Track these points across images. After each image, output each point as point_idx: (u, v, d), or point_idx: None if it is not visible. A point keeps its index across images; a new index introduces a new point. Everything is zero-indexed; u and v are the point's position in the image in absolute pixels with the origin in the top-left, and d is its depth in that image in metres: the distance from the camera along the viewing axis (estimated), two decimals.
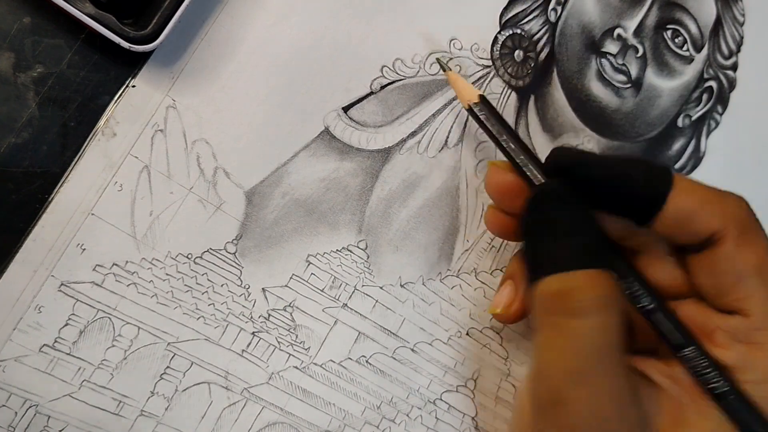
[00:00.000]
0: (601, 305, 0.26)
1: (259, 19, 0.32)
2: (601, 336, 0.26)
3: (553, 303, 0.27)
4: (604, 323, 0.26)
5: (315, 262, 0.33)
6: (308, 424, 0.33)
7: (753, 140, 0.44)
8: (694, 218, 0.27)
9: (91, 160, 0.29)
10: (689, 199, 0.28)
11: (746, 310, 0.27)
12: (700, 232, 0.28)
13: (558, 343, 0.27)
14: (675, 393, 0.28)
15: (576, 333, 0.26)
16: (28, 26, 0.28)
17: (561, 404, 0.26)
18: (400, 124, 0.34)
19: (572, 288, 0.26)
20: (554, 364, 0.27)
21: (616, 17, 0.40)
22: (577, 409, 0.26)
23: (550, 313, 0.27)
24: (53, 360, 0.29)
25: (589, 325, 0.26)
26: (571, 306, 0.26)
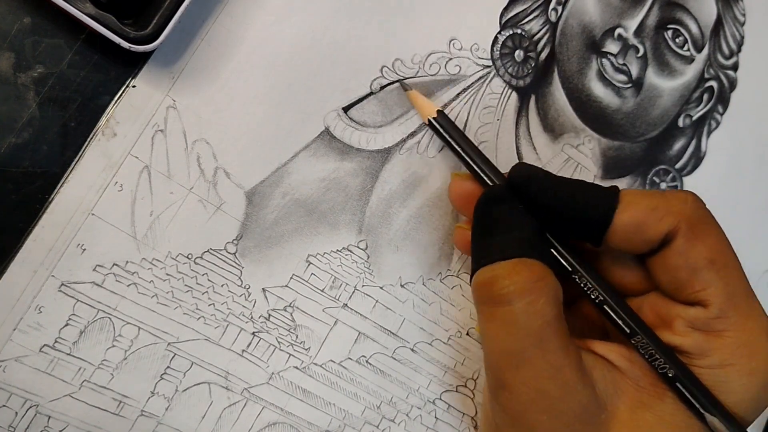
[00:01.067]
0: (524, 290, 0.27)
1: (259, 19, 0.32)
2: (529, 320, 0.27)
3: (482, 293, 0.28)
4: (529, 309, 0.27)
5: (315, 262, 0.33)
6: (308, 424, 0.33)
7: (753, 140, 0.44)
8: (643, 228, 0.28)
9: (91, 160, 0.29)
10: (634, 212, 0.28)
11: (705, 301, 0.28)
12: (652, 238, 0.29)
13: (491, 330, 0.28)
14: (634, 376, 0.29)
15: (504, 319, 0.27)
16: (29, 26, 0.28)
17: (504, 388, 0.28)
18: (400, 125, 0.34)
19: (495, 277, 0.28)
20: (492, 349, 0.28)
21: (617, 17, 0.40)
22: (519, 392, 0.27)
23: (480, 302, 0.28)
24: (53, 360, 0.29)
25: (515, 311, 0.27)
26: (495, 294, 0.27)
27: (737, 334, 0.28)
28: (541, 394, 0.27)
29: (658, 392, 0.28)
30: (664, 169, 0.42)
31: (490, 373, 0.29)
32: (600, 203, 0.29)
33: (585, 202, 0.29)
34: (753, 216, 0.44)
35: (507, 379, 0.28)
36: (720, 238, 0.29)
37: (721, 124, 0.43)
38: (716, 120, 0.43)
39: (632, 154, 0.41)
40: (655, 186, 0.42)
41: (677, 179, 0.42)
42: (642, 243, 0.29)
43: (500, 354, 0.28)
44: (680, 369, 0.28)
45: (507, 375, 0.28)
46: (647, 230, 0.28)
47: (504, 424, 0.29)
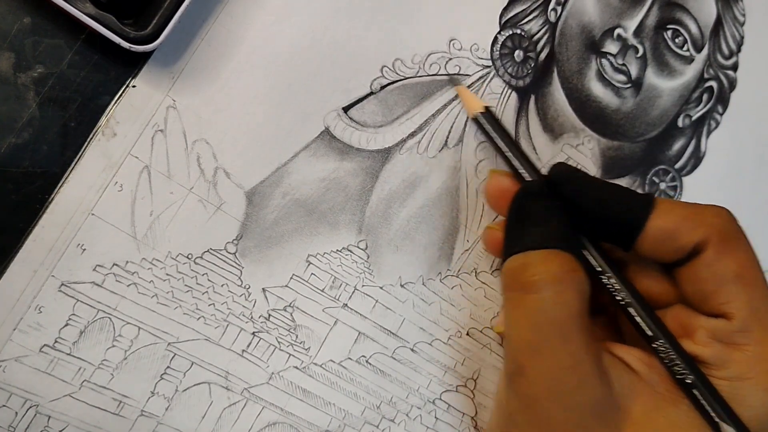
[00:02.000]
0: (553, 281, 0.28)
1: (259, 19, 0.32)
2: (555, 310, 0.28)
3: (511, 279, 0.29)
4: (557, 298, 0.28)
5: (315, 262, 0.33)
6: (308, 424, 0.33)
7: (753, 140, 0.44)
8: (675, 236, 0.29)
9: (91, 161, 0.29)
10: (668, 220, 0.29)
11: (729, 314, 0.29)
12: (682, 247, 0.29)
13: (516, 316, 0.29)
14: (651, 380, 0.29)
15: (530, 306, 0.28)
16: (29, 26, 0.28)
17: (522, 374, 0.28)
18: (400, 125, 0.34)
19: (526, 264, 0.28)
20: (515, 335, 0.29)
21: (616, 17, 0.40)
22: (536, 379, 0.28)
23: (509, 288, 0.29)
24: (53, 360, 0.29)
25: (543, 299, 0.28)
26: (525, 280, 0.28)
27: (758, 348, 0.28)
28: (558, 383, 0.27)
29: (674, 398, 0.28)
30: (664, 169, 0.42)
31: (509, 358, 0.29)
32: (635, 208, 0.29)
33: (620, 205, 0.30)
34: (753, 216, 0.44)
35: (526, 365, 0.28)
36: (749, 254, 0.29)
37: (720, 124, 0.44)
38: (716, 120, 0.43)
39: (632, 154, 0.41)
40: (654, 186, 0.42)
41: (677, 179, 0.42)
42: (672, 251, 0.29)
43: (522, 340, 0.28)
44: (699, 376, 0.28)
45: (526, 361, 0.28)
46: (679, 238, 0.29)
47: (517, 411, 0.29)
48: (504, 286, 0.29)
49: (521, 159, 0.32)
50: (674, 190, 0.42)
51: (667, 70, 0.41)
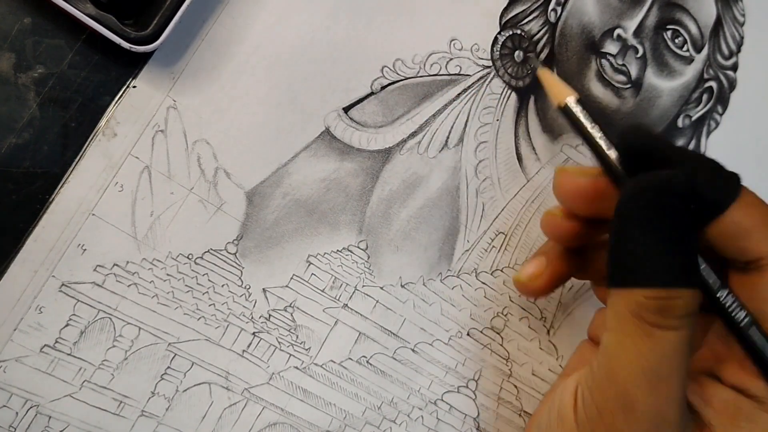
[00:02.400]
0: (694, 322, 0.26)
1: (259, 19, 0.32)
2: (687, 348, 0.26)
3: (648, 311, 0.25)
4: (687, 335, 0.26)
5: (315, 262, 0.33)
6: (309, 424, 0.33)
7: (753, 140, 0.44)
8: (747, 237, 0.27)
9: (91, 161, 0.29)
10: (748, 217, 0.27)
11: None
12: (749, 251, 0.27)
13: (643, 348, 0.26)
14: (705, 414, 0.28)
15: (666, 342, 0.25)
16: (29, 27, 0.28)
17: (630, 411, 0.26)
18: (401, 125, 0.34)
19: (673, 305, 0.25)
20: (633, 367, 0.26)
21: (616, 18, 0.40)
22: (645, 416, 0.26)
23: (641, 318, 0.26)
24: (54, 360, 0.29)
25: (681, 338, 0.25)
26: (668, 319, 0.25)
27: None
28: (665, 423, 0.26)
29: None
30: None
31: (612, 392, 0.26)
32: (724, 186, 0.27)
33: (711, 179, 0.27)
34: None
35: (638, 401, 0.26)
36: None
37: (720, 125, 0.44)
38: (716, 120, 0.43)
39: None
40: None
41: None
42: (737, 250, 0.27)
43: (641, 373, 0.26)
44: None
45: (640, 396, 0.26)
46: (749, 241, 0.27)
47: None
48: (630, 312, 0.26)
49: None
50: None
51: (666, 70, 0.41)
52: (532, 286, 0.32)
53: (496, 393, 0.37)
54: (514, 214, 0.37)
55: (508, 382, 0.37)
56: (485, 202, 0.36)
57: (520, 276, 0.32)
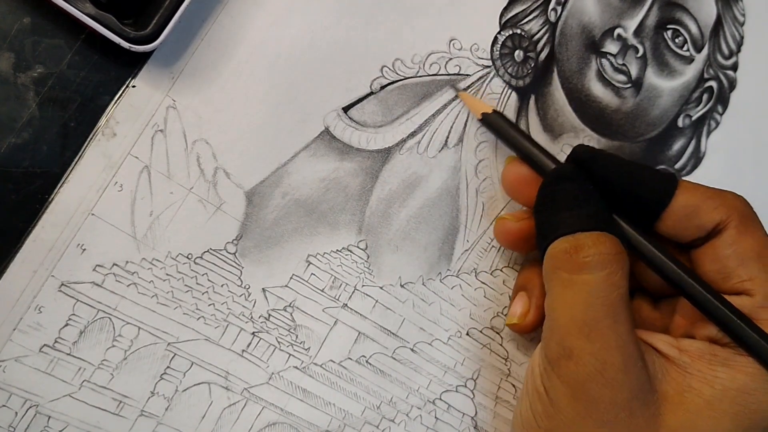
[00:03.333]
0: (606, 261, 0.28)
1: (259, 19, 0.32)
2: (608, 290, 0.28)
3: (563, 260, 0.29)
4: (609, 278, 0.28)
5: (315, 262, 0.33)
6: (308, 424, 0.33)
7: (753, 140, 0.44)
8: (698, 213, 0.30)
9: (91, 161, 0.29)
10: (692, 196, 0.30)
11: (750, 290, 0.30)
12: (704, 225, 0.30)
13: (567, 298, 0.29)
14: (681, 362, 0.30)
15: (584, 286, 0.29)
16: (28, 26, 0.28)
17: (569, 357, 0.28)
18: (400, 125, 0.34)
19: (579, 245, 0.29)
20: (563, 317, 0.29)
21: (617, 17, 0.40)
22: (585, 361, 0.28)
23: (558, 269, 0.29)
24: (53, 360, 0.29)
25: (596, 279, 0.28)
26: (579, 261, 0.29)
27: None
28: (607, 365, 0.28)
29: (706, 378, 0.29)
30: (664, 169, 0.42)
31: (554, 342, 0.29)
32: (661, 185, 0.31)
33: (646, 182, 0.31)
34: None
35: (575, 348, 0.28)
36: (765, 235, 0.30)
37: (720, 124, 0.44)
38: (716, 120, 0.43)
39: (632, 154, 0.41)
40: None
41: None
42: (693, 229, 0.30)
43: (572, 322, 0.29)
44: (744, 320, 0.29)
45: (575, 342, 0.28)
46: (701, 216, 0.30)
47: (561, 396, 0.29)
48: (552, 267, 0.30)
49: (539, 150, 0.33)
50: None
51: (667, 70, 0.41)
52: (527, 323, 0.34)
53: (494, 392, 0.37)
54: None
55: (506, 382, 0.37)
56: (485, 201, 0.36)
57: (512, 320, 0.35)
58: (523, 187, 0.33)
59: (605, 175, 0.31)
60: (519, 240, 0.34)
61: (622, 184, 0.31)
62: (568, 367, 0.29)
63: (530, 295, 0.34)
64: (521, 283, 0.35)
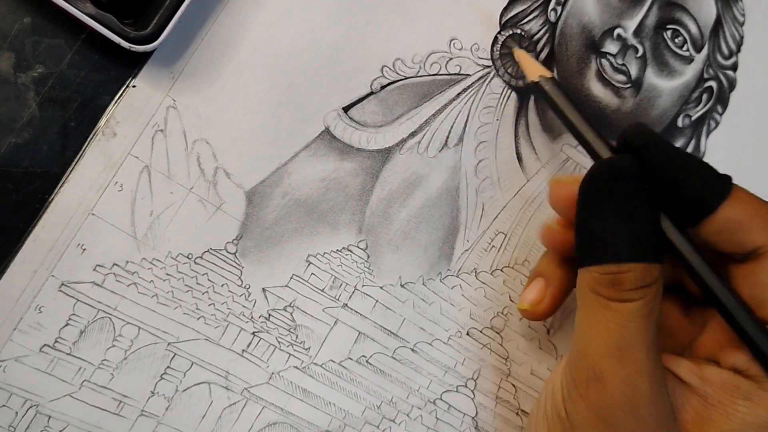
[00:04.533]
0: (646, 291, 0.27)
1: (259, 19, 0.32)
2: (644, 316, 0.27)
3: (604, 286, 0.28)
4: (647, 304, 0.27)
5: (315, 262, 0.33)
6: (308, 424, 0.33)
7: (753, 140, 0.44)
8: (742, 230, 0.28)
9: (91, 160, 0.29)
10: (741, 212, 0.28)
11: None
12: (745, 244, 0.28)
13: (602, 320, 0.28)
14: (702, 392, 0.29)
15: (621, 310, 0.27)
16: (29, 26, 0.28)
17: (598, 381, 0.27)
18: (400, 124, 0.34)
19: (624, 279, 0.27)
20: (597, 340, 0.28)
21: (616, 17, 0.40)
22: (615, 387, 0.27)
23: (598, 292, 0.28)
24: (54, 360, 0.29)
25: (637, 305, 0.27)
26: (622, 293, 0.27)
27: None
28: (636, 392, 0.27)
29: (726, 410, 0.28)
30: None
31: (583, 364, 0.28)
32: (713, 186, 0.29)
33: (699, 180, 0.29)
34: None
35: (606, 372, 0.27)
36: None
37: (720, 125, 0.44)
38: (715, 120, 0.43)
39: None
40: None
41: None
42: (733, 244, 0.29)
43: (605, 345, 0.27)
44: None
45: (607, 367, 0.27)
46: (744, 234, 0.28)
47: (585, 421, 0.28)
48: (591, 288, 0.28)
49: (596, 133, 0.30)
50: None
51: (666, 70, 0.41)
52: (539, 311, 0.34)
53: (495, 392, 0.37)
54: (513, 213, 0.37)
55: (506, 382, 0.37)
56: (485, 201, 0.36)
57: (523, 304, 0.34)
58: None
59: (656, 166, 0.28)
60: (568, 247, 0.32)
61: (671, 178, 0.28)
62: (597, 390, 0.27)
63: (548, 283, 0.33)
64: (541, 269, 0.34)
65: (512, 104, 0.37)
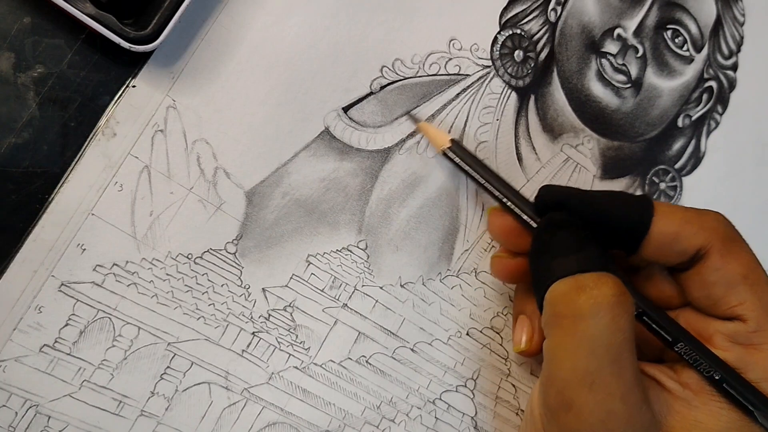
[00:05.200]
0: (610, 304, 0.27)
1: (259, 19, 0.32)
2: (612, 336, 0.27)
3: (564, 304, 0.27)
4: (614, 323, 0.27)
5: (315, 262, 0.33)
6: (308, 424, 0.33)
7: (753, 140, 0.44)
8: (678, 239, 0.29)
9: (91, 160, 0.29)
10: (670, 223, 0.29)
11: (742, 316, 0.29)
12: (686, 250, 0.29)
13: (569, 345, 0.27)
14: (685, 396, 0.29)
15: (587, 333, 0.27)
16: (29, 26, 0.28)
17: (571, 409, 0.27)
18: (400, 125, 0.34)
19: (581, 287, 0.27)
20: (564, 367, 0.27)
21: (616, 17, 0.40)
22: (588, 413, 0.27)
23: (560, 315, 0.27)
24: (53, 360, 0.29)
25: (600, 325, 0.26)
26: (581, 305, 0.27)
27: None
28: (611, 415, 0.26)
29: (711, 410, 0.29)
30: (664, 169, 0.42)
31: (552, 392, 0.28)
32: (638, 212, 0.30)
33: (624, 211, 0.30)
34: (752, 216, 0.44)
35: (576, 400, 0.27)
36: (751, 256, 0.30)
37: (720, 124, 0.44)
38: (716, 120, 0.43)
39: (631, 154, 0.41)
40: (655, 186, 0.42)
41: (676, 179, 0.42)
42: (675, 254, 0.30)
43: (572, 372, 0.27)
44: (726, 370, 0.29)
45: (577, 394, 0.27)
46: (682, 242, 0.29)
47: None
48: (551, 312, 0.28)
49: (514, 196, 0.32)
50: (674, 190, 0.42)
51: (666, 70, 0.41)
52: (534, 347, 0.34)
53: (494, 392, 0.37)
54: None
55: (506, 382, 0.37)
56: (485, 201, 0.36)
57: (519, 346, 0.34)
58: (512, 237, 0.33)
59: (580, 211, 0.30)
60: (518, 274, 0.34)
61: (599, 218, 0.30)
62: (568, 418, 0.27)
63: (531, 318, 0.34)
64: (519, 308, 0.35)
65: (512, 104, 0.37)
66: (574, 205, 0.30)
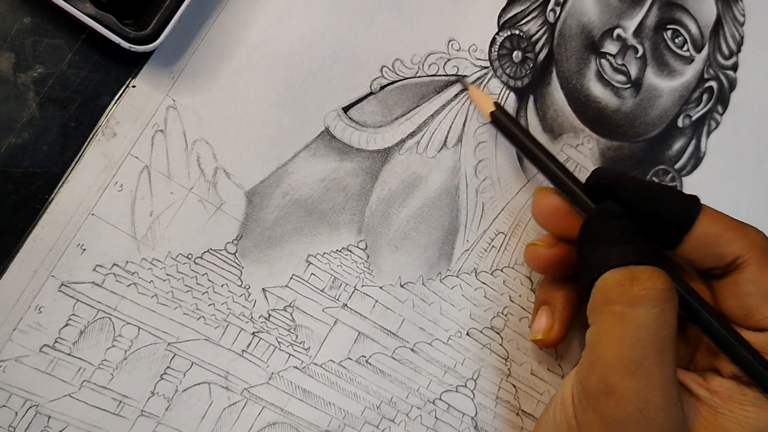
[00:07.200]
0: (661, 297, 0.28)
1: (259, 19, 0.32)
2: (659, 327, 0.28)
3: (616, 292, 0.28)
4: (662, 316, 0.28)
5: (315, 262, 0.33)
6: (308, 424, 0.33)
7: (753, 140, 0.44)
8: (719, 242, 0.30)
9: (91, 161, 0.29)
10: (714, 225, 0.30)
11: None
12: (723, 255, 0.30)
13: (616, 332, 0.28)
14: (712, 403, 0.30)
15: (635, 322, 0.28)
16: (29, 26, 0.28)
17: (612, 395, 0.27)
18: (400, 125, 0.34)
19: (635, 277, 0.28)
20: (610, 353, 0.28)
21: (616, 17, 0.40)
22: (627, 399, 0.27)
23: (611, 302, 0.28)
24: (53, 360, 0.29)
25: (649, 315, 0.27)
26: (634, 294, 0.28)
27: None
28: (649, 405, 0.27)
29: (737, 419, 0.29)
30: (664, 169, 0.42)
31: (594, 378, 0.28)
32: (684, 208, 0.30)
33: (671, 204, 0.31)
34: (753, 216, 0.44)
35: (618, 386, 0.27)
36: None
37: (720, 125, 0.44)
38: (716, 120, 0.43)
39: (631, 155, 0.41)
40: None
41: (676, 179, 0.42)
42: (712, 257, 0.30)
43: (618, 358, 0.27)
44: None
45: (619, 381, 0.27)
46: (722, 246, 0.30)
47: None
48: (602, 298, 0.29)
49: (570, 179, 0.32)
50: None
51: (666, 70, 0.41)
52: (552, 338, 0.35)
53: (495, 392, 0.37)
54: (513, 213, 0.37)
55: (506, 382, 0.37)
56: (485, 201, 0.36)
57: (536, 335, 0.35)
58: (558, 219, 0.33)
59: (628, 198, 0.31)
60: (552, 265, 0.34)
61: (645, 208, 0.31)
62: (608, 403, 0.27)
63: (553, 309, 0.34)
64: (543, 298, 0.35)
65: (511, 105, 0.37)
66: (626, 193, 0.31)
